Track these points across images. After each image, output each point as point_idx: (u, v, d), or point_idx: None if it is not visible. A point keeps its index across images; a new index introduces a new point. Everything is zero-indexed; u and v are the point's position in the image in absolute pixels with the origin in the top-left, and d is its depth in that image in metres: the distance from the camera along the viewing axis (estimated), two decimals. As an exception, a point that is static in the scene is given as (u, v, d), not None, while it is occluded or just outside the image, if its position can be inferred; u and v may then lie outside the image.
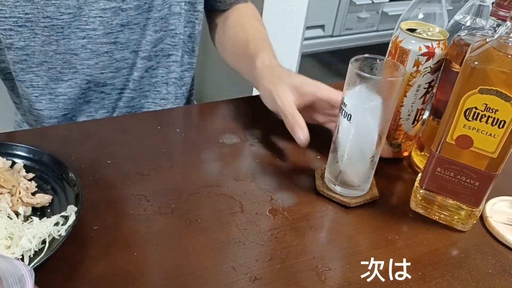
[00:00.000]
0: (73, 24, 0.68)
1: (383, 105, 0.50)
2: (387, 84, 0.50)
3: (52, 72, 0.71)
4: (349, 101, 0.51)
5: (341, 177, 0.56)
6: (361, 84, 0.49)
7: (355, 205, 0.56)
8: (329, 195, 0.56)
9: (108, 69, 0.74)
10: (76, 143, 0.62)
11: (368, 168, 0.55)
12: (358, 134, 0.52)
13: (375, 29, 2.38)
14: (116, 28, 0.70)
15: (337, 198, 0.56)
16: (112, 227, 0.50)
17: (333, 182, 0.57)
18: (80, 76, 0.73)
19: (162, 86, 0.81)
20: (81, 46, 0.70)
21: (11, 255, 0.43)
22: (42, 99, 0.74)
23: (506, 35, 0.45)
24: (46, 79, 0.72)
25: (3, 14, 0.65)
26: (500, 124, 0.46)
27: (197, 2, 0.78)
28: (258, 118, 0.71)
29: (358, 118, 0.51)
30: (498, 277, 0.49)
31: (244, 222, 0.52)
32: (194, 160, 0.62)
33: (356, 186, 0.56)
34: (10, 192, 0.49)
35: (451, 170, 0.52)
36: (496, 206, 0.57)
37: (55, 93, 0.73)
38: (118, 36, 0.71)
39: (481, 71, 0.45)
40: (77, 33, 0.69)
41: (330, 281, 0.47)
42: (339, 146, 0.54)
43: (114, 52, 0.73)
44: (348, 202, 0.55)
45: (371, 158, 0.54)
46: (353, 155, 0.54)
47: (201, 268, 0.47)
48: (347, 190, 0.56)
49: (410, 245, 0.52)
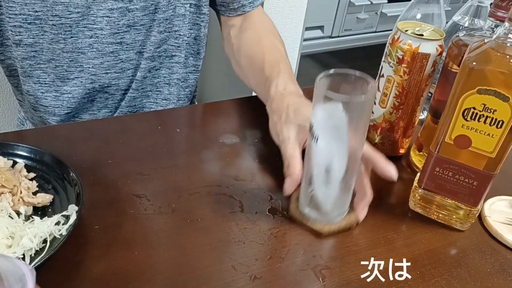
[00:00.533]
0: (81, 23, 0.68)
1: (352, 125, 0.45)
2: (356, 103, 0.45)
3: (59, 70, 0.72)
4: (316, 121, 0.47)
5: (313, 201, 0.52)
6: (328, 103, 0.44)
7: (328, 233, 0.52)
8: (301, 222, 0.52)
9: (113, 69, 0.74)
10: (77, 142, 0.63)
11: (341, 193, 0.50)
12: (326, 157, 0.48)
13: (374, 30, 2.38)
14: (123, 28, 0.71)
15: (309, 226, 0.52)
16: (113, 226, 0.50)
17: (306, 207, 0.53)
18: (86, 75, 0.73)
19: (164, 87, 0.81)
20: (88, 45, 0.70)
21: (12, 255, 0.43)
22: (48, 96, 0.74)
23: (504, 35, 0.45)
24: (53, 77, 0.72)
25: (13, 11, 0.65)
26: (498, 124, 0.47)
27: (202, 5, 0.77)
28: (258, 118, 0.71)
29: (325, 139, 0.47)
30: (496, 276, 0.49)
31: (244, 222, 0.53)
32: (194, 160, 0.62)
33: (330, 212, 0.52)
34: (11, 192, 0.50)
35: (449, 170, 0.52)
36: (495, 205, 0.58)
37: (61, 91, 0.74)
38: (124, 36, 0.72)
39: (479, 72, 0.46)
40: (85, 32, 0.69)
41: (329, 280, 0.47)
42: (308, 169, 0.50)
43: (119, 53, 0.73)
44: (320, 229, 0.51)
45: (343, 182, 0.49)
46: (322, 179, 0.49)
47: (201, 267, 0.47)
48: (320, 215, 0.52)
49: (409, 245, 0.52)
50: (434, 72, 0.59)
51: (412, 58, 0.57)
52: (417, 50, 0.56)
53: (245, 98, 0.76)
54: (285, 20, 1.39)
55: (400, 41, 0.57)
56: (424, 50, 0.56)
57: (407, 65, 0.57)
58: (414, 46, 0.56)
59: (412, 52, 0.56)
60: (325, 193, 0.50)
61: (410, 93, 0.59)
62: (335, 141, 0.47)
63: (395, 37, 0.58)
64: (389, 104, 0.61)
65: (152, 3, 0.71)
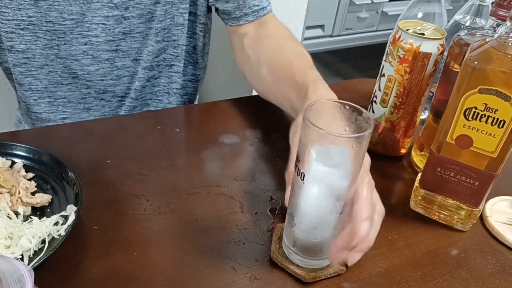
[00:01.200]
0: (76, 30, 0.68)
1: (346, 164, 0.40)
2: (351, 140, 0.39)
3: (52, 75, 0.71)
4: (303, 157, 0.41)
5: (298, 244, 0.46)
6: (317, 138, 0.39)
7: (312, 280, 0.46)
8: (283, 265, 0.47)
9: (109, 76, 0.73)
10: (76, 142, 0.62)
11: (330, 237, 0.45)
12: (314, 198, 0.42)
13: (374, 29, 2.38)
14: (118, 36, 0.70)
15: (292, 270, 0.46)
16: (112, 227, 0.50)
17: (289, 249, 0.47)
18: (80, 81, 0.72)
19: (164, 96, 0.81)
20: (82, 52, 0.70)
21: (10, 255, 0.43)
22: (41, 102, 0.74)
23: (506, 35, 0.45)
24: (45, 83, 0.72)
25: (6, 16, 0.65)
26: (500, 123, 0.46)
27: (201, 14, 0.76)
28: (258, 118, 0.71)
29: (312, 178, 0.41)
30: (498, 277, 0.49)
31: (244, 222, 0.52)
32: (194, 160, 0.62)
33: (316, 255, 0.46)
34: (9, 192, 0.49)
35: (451, 170, 0.52)
36: (496, 205, 0.57)
37: (55, 96, 0.73)
38: (119, 44, 0.71)
39: (480, 71, 0.45)
40: (79, 39, 0.68)
41: (329, 280, 0.47)
42: (293, 208, 0.45)
43: (115, 60, 0.72)
44: (304, 276, 0.46)
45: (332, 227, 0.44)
46: (309, 222, 0.44)
47: (201, 268, 0.47)
48: (305, 259, 0.46)
49: (410, 245, 0.52)
50: (436, 72, 0.58)
51: (413, 57, 0.56)
52: (418, 50, 0.56)
53: (245, 98, 0.76)
54: (285, 19, 1.39)
55: (401, 40, 0.57)
56: (425, 49, 0.56)
57: (408, 64, 0.57)
58: (415, 45, 0.56)
59: (413, 51, 0.56)
60: (311, 238, 0.45)
61: (411, 93, 0.59)
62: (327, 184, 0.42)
63: (396, 36, 0.58)
64: (390, 103, 0.60)
65: (148, 11, 0.70)
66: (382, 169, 0.62)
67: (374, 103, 0.63)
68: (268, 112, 0.66)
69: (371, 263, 0.49)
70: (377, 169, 0.56)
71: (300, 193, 0.43)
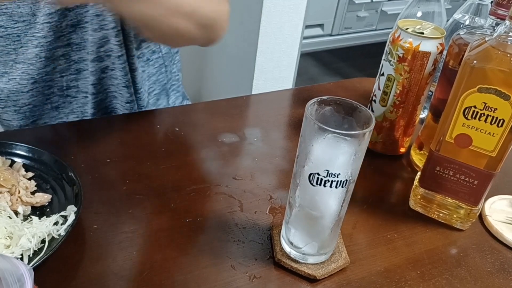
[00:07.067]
0: (29, 32, 0.66)
1: (349, 162, 0.40)
2: (357, 137, 0.39)
3: (12, 84, 0.70)
4: (303, 154, 0.40)
5: (295, 236, 0.46)
6: (321, 134, 0.38)
7: (322, 277, 0.46)
8: (289, 265, 0.47)
9: (68, 71, 0.71)
10: (76, 142, 0.62)
11: (329, 235, 0.45)
12: (314, 195, 0.42)
13: (374, 28, 2.38)
14: (67, 29, 0.68)
15: (301, 271, 0.46)
16: (112, 226, 0.50)
17: (289, 243, 0.47)
18: (41, 84, 0.71)
19: (123, 90, 0.76)
20: (35, 56, 0.68)
21: (10, 254, 0.43)
22: (8, 111, 0.72)
23: (505, 34, 0.45)
24: (6, 92, 0.70)
25: None
26: (499, 122, 0.46)
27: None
28: (258, 117, 0.71)
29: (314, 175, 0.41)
30: (497, 276, 0.49)
31: (243, 221, 0.52)
32: (193, 159, 0.62)
33: (317, 250, 0.47)
34: (9, 191, 0.49)
35: (450, 169, 0.52)
36: (495, 204, 0.57)
37: (19, 104, 0.72)
38: (71, 37, 0.69)
39: (480, 70, 0.45)
40: (33, 41, 0.67)
41: (329, 280, 0.47)
42: (293, 203, 0.45)
43: (70, 54, 0.70)
44: (314, 274, 0.46)
45: (330, 228, 0.45)
46: (307, 220, 0.45)
47: (200, 267, 0.47)
48: (305, 256, 0.47)
49: (409, 244, 0.52)
50: (435, 71, 0.58)
51: (413, 56, 0.56)
52: (417, 49, 0.56)
53: (245, 97, 0.76)
54: (285, 18, 1.39)
55: (401, 40, 0.57)
56: (425, 48, 0.56)
57: (408, 63, 0.57)
58: (414, 45, 0.56)
59: (413, 50, 0.56)
60: (309, 235, 0.45)
61: (411, 92, 0.59)
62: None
63: (395, 35, 0.58)
64: (390, 102, 0.60)
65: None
66: (382, 168, 0.62)
67: (374, 102, 0.63)
68: (268, 111, 0.67)
69: (370, 262, 0.49)
70: (377, 168, 0.56)
71: (298, 186, 0.43)
